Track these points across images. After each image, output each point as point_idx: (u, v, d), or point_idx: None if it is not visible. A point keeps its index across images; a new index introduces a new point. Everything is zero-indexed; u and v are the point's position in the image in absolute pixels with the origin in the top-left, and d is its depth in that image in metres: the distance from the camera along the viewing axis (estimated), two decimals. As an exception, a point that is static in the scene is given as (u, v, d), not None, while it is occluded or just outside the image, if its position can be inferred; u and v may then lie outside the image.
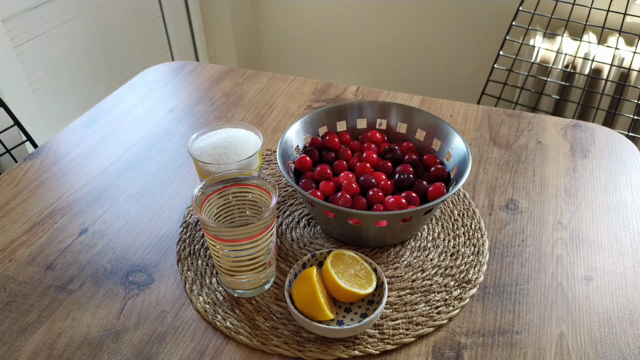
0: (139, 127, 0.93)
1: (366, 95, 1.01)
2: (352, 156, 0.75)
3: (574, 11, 1.36)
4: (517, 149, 0.85)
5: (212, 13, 2.03)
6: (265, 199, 0.60)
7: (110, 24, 1.68)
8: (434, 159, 0.73)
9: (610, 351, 0.56)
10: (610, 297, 0.62)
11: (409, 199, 0.66)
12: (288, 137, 0.72)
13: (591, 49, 1.45)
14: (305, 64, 2.18)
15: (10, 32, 1.37)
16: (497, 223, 0.72)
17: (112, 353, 0.56)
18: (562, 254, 0.67)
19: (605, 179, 0.79)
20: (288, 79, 1.07)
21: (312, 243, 0.69)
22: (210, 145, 0.68)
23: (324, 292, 0.58)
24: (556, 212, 0.74)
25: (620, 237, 0.69)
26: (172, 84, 1.06)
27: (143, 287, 0.64)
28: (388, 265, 0.66)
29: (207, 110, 0.98)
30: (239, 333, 0.58)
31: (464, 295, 0.62)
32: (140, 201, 0.77)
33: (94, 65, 1.66)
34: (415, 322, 0.59)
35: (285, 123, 0.93)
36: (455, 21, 1.81)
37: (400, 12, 1.88)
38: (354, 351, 0.56)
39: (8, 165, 1.37)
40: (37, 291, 0.63)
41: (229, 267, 0.59)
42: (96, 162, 0.85)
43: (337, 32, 2.03)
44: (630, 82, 1.43)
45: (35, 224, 0.73)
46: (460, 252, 0.67)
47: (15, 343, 0.57)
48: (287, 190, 0.78)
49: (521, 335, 0.57)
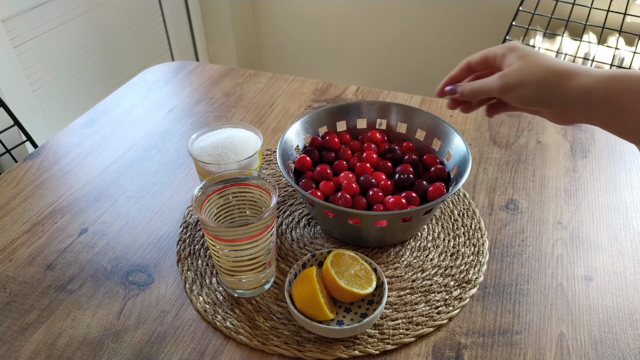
0: (139, 127, 0.93)
1: (366, 95, 1.01)
2: (352, 156, 0.75)
3: (574, 11, 1.36)
4: (517, 149, 0.85)
5: (212, 13, 2.03)
6: (265, 199, 0.60)
7: (110, 24, 1.68)
8: (434, 159, 0.73)
9: (610, 351, 0.56)
10: (610, 297, 0.62)
11: (409, 199, 0.66)
12: (288, 137, 0.72)
13: (591, 49, 1.45)
14: (305, 64, 2.18)
15: (10, 32, 1.37)
16: (497, 223, 0.72)
17: (112, 353, 0.56)
18: (562, 254, 0.67)
19: (605, 179, 0.79)
20: (288, 79, 1.07)
21: (312, 243, 0.69)
22: (210, 145, 0.68)
23: (324, 292, 0.58)
24: (556, 212, 0.74)
25: (620, 237, 0.69)
26: (172, 84, 1.06)
27: (143, 287, 0.64)
28: (388, 265, 0.66)
29: (207, 110, 0.98)
30: (239, 333, 0.58)
31: (464, 295, 0.62)
32: (140, 201, 0.77)
33: (94, 65, 1.66)
34: (415, 322, 0.59)
35: (285, 123, 0.93)
36: (455, 21, 1.81)
37: (400, 12, 1.88)
38: (354, 351, 0.56)
39: (8, 165, 1.37)
40: (37, 291, 0.63)
41: (229, 267, 0.59)
42: (96, 162, 0.85)
43: (337, 32, 2.03)
44: (630, 82, 1.42)
45: (35, 224, 0.73)
46: (460, 252, 0.67)
47: (15, 343, 0.57)
48: (287, 190, 0.78)
49: (521, 335, 0.57)
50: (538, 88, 0.49)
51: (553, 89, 0.48)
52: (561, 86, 0.48)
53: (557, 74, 0.48)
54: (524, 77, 0.49)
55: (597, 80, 0.46)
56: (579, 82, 0.47)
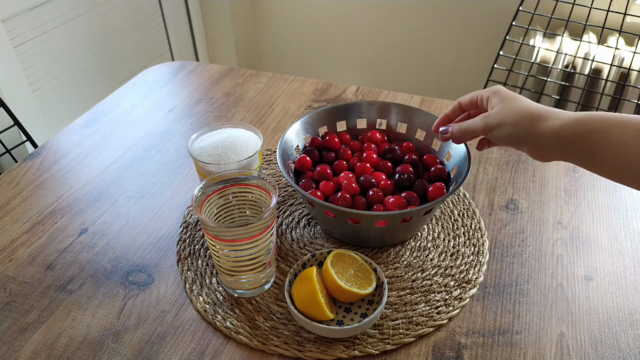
0: (139, 127, 0.93)
1: (366, 95, 1.01)
2: (352, 156, 0.75)
3: (574, 11, 1.36)
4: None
5: (212, 13, 2.03)
6: (265, 199, 0.60)
7: (110, 24, 1.68)
8: (434, 159, 0.73)
9: (610, 351, 0.56)
10: (610, 297, 0.62)
11: (409, 199, 0.66)
12: (288, 137, 0.72)
13: (591, 49, 1.46)
14: (305, 64, 2.18)
15: (10, 32, 1.37)
16: (497, 223, 0.72)
17: (112, 353, 0.56)
18: (562, 254, 0.67)
19: (605, 179, 0.79)
20: (288, 79, 1.07)
21: (312, 243, 0.69)
22: (210, 145, 0.68)
23: (324, 292, 0.58)
24: (556, 212, 0.74)
25: (620, 237, 0.69)
26: (172, 84, 1.06)
27: (143, 287, 0.64)
28: (388, 265, 0.66)
29: (207, 110, 0.98)
30: (239, 333, 0.58)
31: (464, 295, 0.62)
32: (140, 201, 0.77)
33: (94, 65, 1.66)
34: (415, 322, 0.59)
35: (285, 123, 0.93)
36: (455, 21, 1.81)
37: (400, 12, 1.88)
38: (354, 351, 0.56)
39: (8, 165, 1.37)
40: (37, 291, 0.63)
41: (229, 267, 0.59)
42: (96, 162, 0.85)
43: (337, 32, 2.03)
44: (630, 82, 1.43)
45: (35, 224, 0.73)
46: (460, 252, 0.67)
47: (15, 343, 0.57)
48: (287, 190, 0.78)
49: (521, 335, 0.57)
50: (514, 129, 0.53)
51: (527, 130, 0.53)
52: (534, 128, 0.52)
53: (530, 117, 0.53)
54: (503, 119, 0.54)
55: (566, 123, 0.50)
56: (550, 124, 0.51)
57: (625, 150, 0.46)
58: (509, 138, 0.54)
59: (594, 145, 0.48)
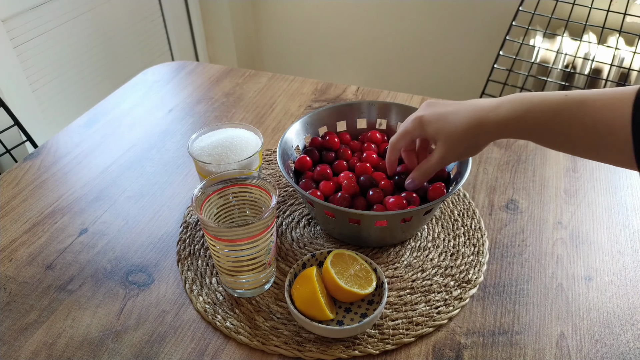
0: (139, 127, 0.93)
1: (366, 95, 1.01)
2: (352, 156, 0.75)
3: (574, 11, 1.36)
4: (517, 149, 0.85)
5: (212, 13, 2.03)
6: (265, 199, 0.60)
7: (110, 24, 1.68)
8: (434, 159, 0.73)
9: (610, 351, 0.56)
10: (610, 297, 0.62)
11: (409, 199, 0.66)
12: (288, 137, 0.72)
13: (591, 49, 1.46)
14: (305, 64, 2.18)
15: (10, 32, 1.37)
16: (497, 223, 0.72)
17: (112, 353, 0.56)
18: (562, 254, 0.67)
19: (605, 179, 0.79)
20: (288, 79, 1.07)
21: (312, 243, 0.69)
22: (210, 145, 0.68)
23: (324, 292, 0.58)
24: (556, 212, 0.74)
25: (620, 237, 0.69)
26: (172, 84, 1.06)
27: (143, 287, 0.64)
28: (388, 265, 0.66)
29: (207, 110, 0.98)
30: (239, 333, 0.58)
31: (464, 295, 0.62)
32: (140, 201, 0.77)
33: (94, 65, 1.66)
34: (415, 322, 0.59)
35: (285, 123, 0.93)
36: (455, 21, 1.81)
37: (400, 12, 1.88)
38: (354, 351, 0.56)
39: (8, 165, 1.37)
40: (37, 291, 0.63)
41: (229, 267, 0.59)
42: (96, 162, 0.85)
43: (337, 32, 2.03)
44: (630, 82, 1.43)
45: (35, 224, 0.73)
46: (460, 252, 0.67)
47: (15, 343, 0.57)
48: (287, 190, 0.78)
49: (521, 335, 0.57)
50: (466, 149, 0.58)
51: (476, 142, 0.57)
52: (481, 137, 0.56)
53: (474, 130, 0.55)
54: (452, 146, 0.58)
55: (505, 119, 0.53)
56: (491, 127, 0.54)
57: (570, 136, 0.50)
58: (466, 154, 0.59)
59: (538, 136, 0.52)
